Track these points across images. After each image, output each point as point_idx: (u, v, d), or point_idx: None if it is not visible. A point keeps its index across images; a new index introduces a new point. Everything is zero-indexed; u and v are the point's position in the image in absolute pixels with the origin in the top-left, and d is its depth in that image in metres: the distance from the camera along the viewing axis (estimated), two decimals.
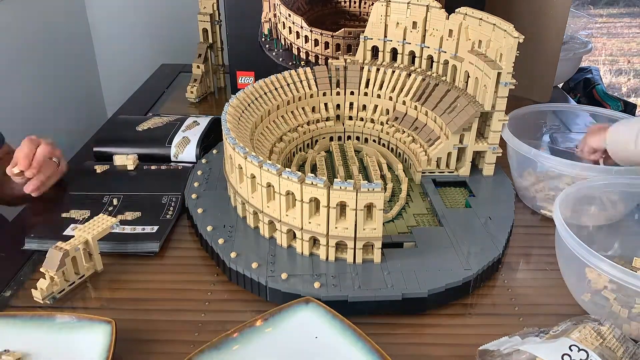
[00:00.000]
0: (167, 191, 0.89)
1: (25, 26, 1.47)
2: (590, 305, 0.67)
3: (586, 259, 0.62)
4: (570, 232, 0.65)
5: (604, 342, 0.51)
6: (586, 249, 0.62)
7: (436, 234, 0.76)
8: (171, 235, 0.81)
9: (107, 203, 0.85)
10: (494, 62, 0.83)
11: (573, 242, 0.64)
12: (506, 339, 0.56)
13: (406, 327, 0.66)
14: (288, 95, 0.96)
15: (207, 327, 0.66)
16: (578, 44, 1.50)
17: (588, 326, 0.52)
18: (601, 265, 0.60)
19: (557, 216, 0.68)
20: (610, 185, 0.78)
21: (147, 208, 0.84)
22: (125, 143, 1.00)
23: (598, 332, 0.52)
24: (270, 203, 0.72)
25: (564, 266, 0.71)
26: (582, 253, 0.62)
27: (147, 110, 1.28)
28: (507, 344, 0.54)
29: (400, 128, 0.95)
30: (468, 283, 0.69)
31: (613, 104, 1.74)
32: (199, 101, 1.31)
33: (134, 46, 1.79)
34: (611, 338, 0.52)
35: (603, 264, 0.60)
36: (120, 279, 0.73)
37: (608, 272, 0.60)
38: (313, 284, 0.66)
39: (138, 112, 1.24)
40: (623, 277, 0.59)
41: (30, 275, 0.74)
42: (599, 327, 0.53)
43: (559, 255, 0.72)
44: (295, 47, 1.19)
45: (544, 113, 1.07)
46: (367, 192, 0.65)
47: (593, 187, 0.77)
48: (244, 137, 0.82)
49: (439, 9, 0.93)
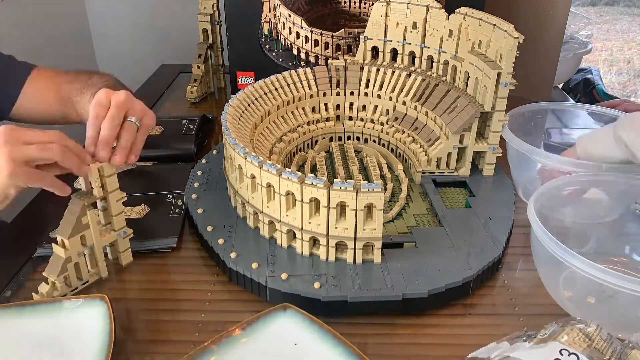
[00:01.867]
0: (170, 189, 0.89)
1: (25, 26, 1.47)
2: (568, 304, 0.67)
3: (560, 257, 0.62)
4: (544, 229, 0.64)
5: (592, 344, 0.51)
6: (561, 246, 0.62)
7: (436, 234, 0.76)
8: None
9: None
10: (494, 63, 0.83)
11: (548, 240, 0.63)
12: (494, 345, 0.55)
13: (406, 327, 0.66)
14: (288, 96, 0.96)
15: (207, 327, 0.66)
16: (578, 44, 1.50)
17: (576, 328, 0.52)
18: (575, 263, 0.60)
19: (531, 213, 0.67)
20: (593, 183, 0.78)
21: (154, 206, 0.85)
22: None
23: (586, 334, 0.52)
24: (270, 203, 0.72)
25: (540, 265, 0.71)
26: (557, 251, 0.62)
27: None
28: (497, 350, 0.54)
29: (400, 128, 0.95)
30: (468, 283, 0.69)
31: None
32: (199, 101, 1.31)
33: (134, 46, 1.79)
34: (599, 340, 0.52)
35: (576, 260, 0.60)
36: (120, 279, 0.73)
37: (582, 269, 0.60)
38: (313, 284, 0.66)
39: None
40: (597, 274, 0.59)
41: (30, 275, 0.74)
42: (586, 329, 0.52)
43: (535, 255, 0.71)
44: (295, 48, 1.19)
45: (543, 111, 1.07)
46: (367, 192, 0.65)
47: (571, 184, 0.77)
48: (244, 138, 0.82)
49: (439, 10, 0.93)
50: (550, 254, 0.63)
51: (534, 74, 1.29)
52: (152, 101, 1.33)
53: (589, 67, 1.92)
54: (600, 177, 0.78)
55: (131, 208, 0.83)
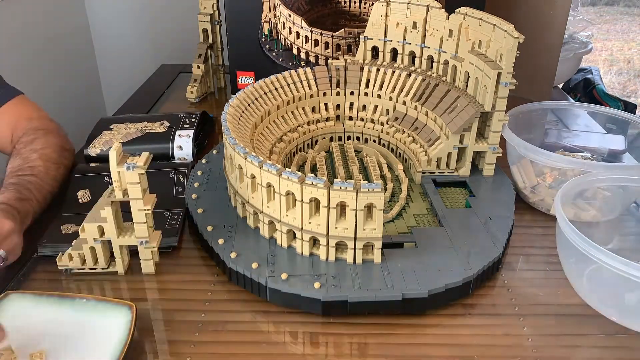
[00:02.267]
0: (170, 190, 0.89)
1: (25, 26, 1.47)
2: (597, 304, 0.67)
3: (591, 254, 0.62)
4: (573, 227, 0.65)
5: None
6: (591, 244, 0.62)
7: (436, 234, 0.76)
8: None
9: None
10: (494, 63, 0.83)
11: (577, 238, 0.64)
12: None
13: (406, 327, 0.66)
14: (288, 96, 0.96)
15: (207, 327, 0.66)
16: (578, 44, 1.50)
17: None
18: (606, 259, 0.61)
19: (559, 211, 0.68)
20: (608, 180, 0.78)
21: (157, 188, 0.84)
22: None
23: None
24: (270, 203, 0.72)
25: (566, 263, 0.71)
26: (587, 248, 0.63)
27: (147, 111, 1.28)
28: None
29: (401, 128, 0.95)
30: (468, 283, 0.69)
31: (613, 104, 1.74)
32: (199, 101, 1.31)
33: (134, 46, 1.79)
34: None
35: (608, 258, 0.61)
36: (119, 279, 0.73)
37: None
38: (313, 284, 0.66)
39: (138, 113, 1.23)
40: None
41: (31, 275, 0.74)
42: None
43: (561, 251, 0.72)
44: (296, 47, 1.19)
45: (544, 111, 1.07)
46: (367, 192, 0.65)
47: (592, 182, 0.78)
48: (244, 137, 0.82)
49: (439, 9, 0.93)
50: (577, 249, 0.64)
51: (534, 74, 1.29)
52: (152, 101, 1.33)
53: (589, 67, 1.93)
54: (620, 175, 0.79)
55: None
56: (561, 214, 0.67)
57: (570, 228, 0.65)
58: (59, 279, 0.73)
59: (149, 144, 0.99)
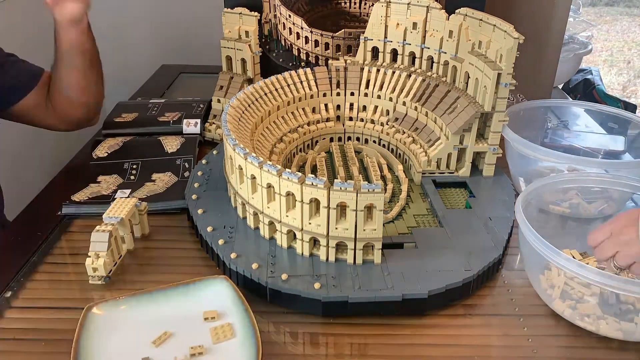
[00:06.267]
0: (180, 155, 0.99)
1: (25, 26, 1.47)
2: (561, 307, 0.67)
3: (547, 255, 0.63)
4: (531, 227, 0.65)
5: None
6: (547, 245, 0.63)
7: (436, 235, 0.76)
8: (171, 236, 0.81)
9: (128, 169, 0.95)
10: (494, 63, 0.83)
11: (534, 239, 0.65)
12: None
13: (406, 327, 0.66)
14: (288, 96, 0.96)
15: None
16: (578, 44, 1.50)
17: None
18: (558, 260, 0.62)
19: (519, 212, 0.68)
20: (577, 181, 0.79)
21: (165, 170, 0.94)
22: (135, 124, 1.12)
23: None
24: (271, 204, 0.72)
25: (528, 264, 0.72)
26: (543, 249, 0.63)
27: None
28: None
29: (401, 129, 0.95)
30: (468, 284, 0.69)
31: (613, 105, 1.74)
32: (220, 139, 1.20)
33: (134, 46, 1.79)
34: None
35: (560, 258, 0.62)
36: (119, 279, 0.73)
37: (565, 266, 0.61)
38: (313, 285, 0.67)
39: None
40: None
41: (31, 275, 0.74)
42: None
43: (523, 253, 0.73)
44: (296, 48, 1.19)
45: (544, 110, 1.07)
46: (367, 192, 0.65)
47: (557, 183, 0.79)
48: (244, 138, 0.82)
49: (439, 10, 0.93)
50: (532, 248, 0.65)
51: (534, 75, 1.29)
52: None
53: (589, 68, 1.93)
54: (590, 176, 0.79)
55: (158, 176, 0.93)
56: (522, 216, 0.68)
57: (530, 230, 0.66)
58: (60, 288, 0.73)
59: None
